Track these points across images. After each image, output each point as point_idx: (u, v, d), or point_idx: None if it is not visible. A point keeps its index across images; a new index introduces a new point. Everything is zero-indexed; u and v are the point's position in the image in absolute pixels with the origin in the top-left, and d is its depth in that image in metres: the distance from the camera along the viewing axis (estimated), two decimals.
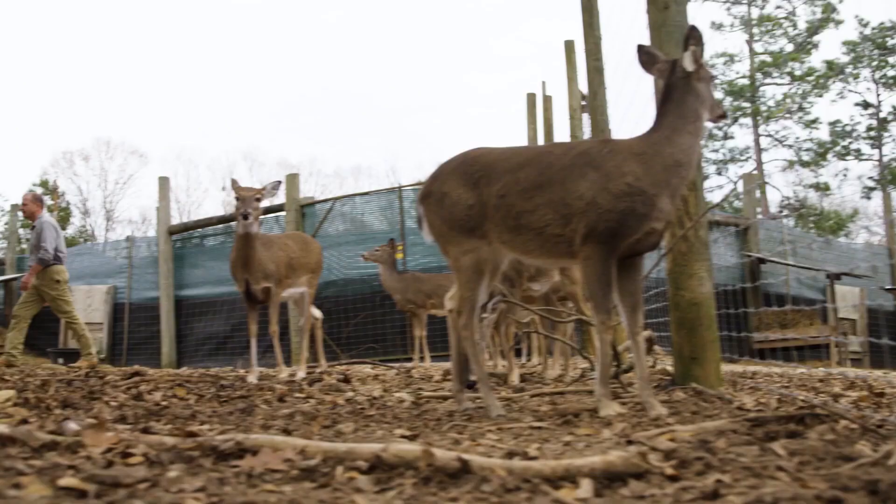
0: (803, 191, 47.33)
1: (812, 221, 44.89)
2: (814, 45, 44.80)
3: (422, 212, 5.20)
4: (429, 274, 13.17)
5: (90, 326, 19.74)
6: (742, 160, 46.46)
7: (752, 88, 44.56)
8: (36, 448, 3.10)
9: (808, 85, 44.47)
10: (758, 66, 45.15)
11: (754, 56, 45.81)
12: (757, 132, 45.53)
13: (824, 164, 45.42)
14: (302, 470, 2.74)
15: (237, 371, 11.07)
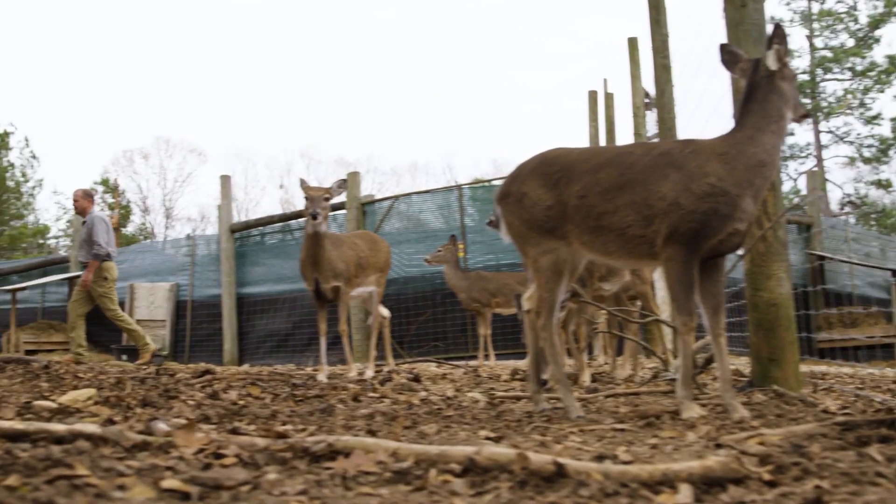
0: (864, 188, 46.76)
1: (874, 219, 44.34)
2: (875, 39, 44.15)
3: (500, 212, 5.18)
4: (493, 272, 13.15)
5: (153, 323, 20.02)
6: (802, 157, 46.01)
7: (812, 84, 44.06)
8: (128, 448, 3.12)
9: (869, 80, 43.89)
10: (818, 62, 44.62)
11: (814, 51, 45.24)
12: (817, 129, 44.99)
13: (886, 160, 44.84)
14: (395, 472, 2.73)
15: (303, 369, 11.11)
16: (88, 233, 13.32)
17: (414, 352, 14.89)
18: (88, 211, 13.79)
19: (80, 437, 3.18)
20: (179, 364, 14.35)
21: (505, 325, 14.24)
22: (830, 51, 44.82)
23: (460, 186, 17.26)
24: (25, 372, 7.84)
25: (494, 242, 16.00)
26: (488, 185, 18.45)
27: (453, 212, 17.37)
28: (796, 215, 19.23)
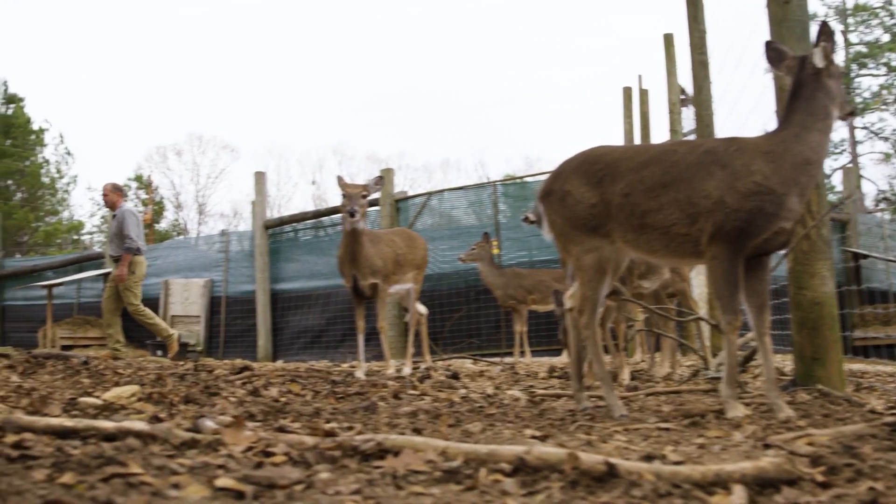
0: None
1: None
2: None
3: (542, 210, 5.17)
4: (529, 269, 13.11)
5: (187, 319, 20.10)
6: (837, 153, 45.66)
7: (847, 80, 43.69)
8: (177, 445, 3.13)
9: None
10: (853, 57, 44.23)
11: (849, 47, 44.87)
12: (852, 125, 44.62)
13: None
14: (444, 472, 2.73)
15: (339, 365, 11.13)
16: (119, 227, 13.26)
17: (449, 349, 14.86)
18: (118, 205, 13.70)
19: (129, 434, 3.20)
20: (215, 360, 14.41)
21: (539, 322, 14.21)
22: (865, 46, 44.43)
23: (494, 183, 17.25)
24: (66, 368, 7.89)
25: (528, 239, 15.98)
26: (521, 182, 18.40)
27: (485, 208, 17.35)
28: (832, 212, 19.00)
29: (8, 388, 5.67)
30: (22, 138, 46.14)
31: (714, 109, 9.28)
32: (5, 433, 3.21)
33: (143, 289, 20.88)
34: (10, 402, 4.75)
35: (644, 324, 8.90)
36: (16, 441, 3.02)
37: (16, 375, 6.96)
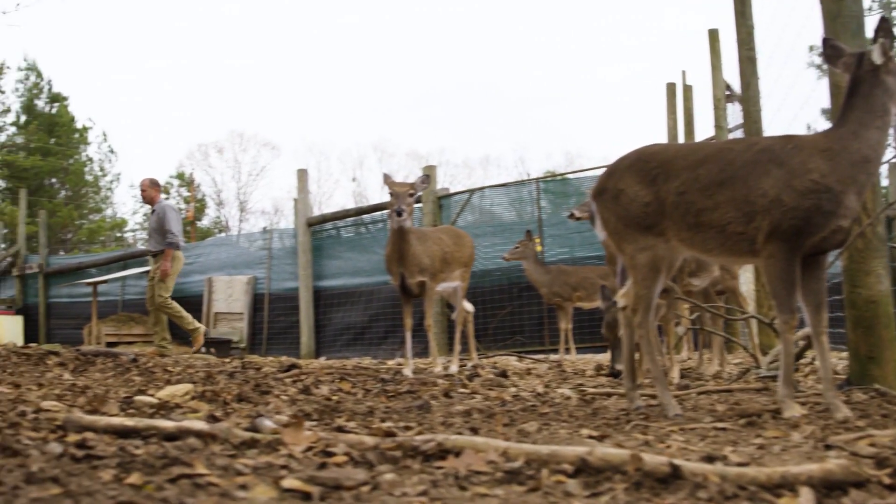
0: None
1: None
2: None
3: (595, 208, 5.15)
4: (574, 266, 13.05)
5: (231, 316, 20.21)
6: None
7: None
8: (236, 445, 3.14)
9: None
10: None
11: None
12: None
13: None
14: (506, 472, 2.72)
15: (386, 363, 11.14)
16: (159, 222, 13.21)
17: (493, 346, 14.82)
18: (156, 200, 13.66)
19: (189, 434, 3.22)
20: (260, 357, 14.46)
21: (582, 319, 14.15)
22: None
23: (537, 180, 17.21)
24: (116, 365, 7.96)
25: (571, 235, 15.92)
26: (564, 179, 18.34)
27: (526, 205, 17.30)
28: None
29: (62, 386, 5.72)
30: (66, 137, 46.57)
31: (762, 105, 9.22)
32: (67, 432, 3.24)
33: (187, 286, 21.14)
34: (66, 400, 4.78)
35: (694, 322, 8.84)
36: (78, 440, 3.04)
37: (68, 373, 7.03)
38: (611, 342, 6.28)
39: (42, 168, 43.91)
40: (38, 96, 47.44)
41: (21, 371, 6.88)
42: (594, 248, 15.28)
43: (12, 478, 2.32)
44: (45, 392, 5.17)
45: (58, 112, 47.23)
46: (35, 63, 48.31)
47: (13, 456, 2.71)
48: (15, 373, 6.69)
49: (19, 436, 3.06)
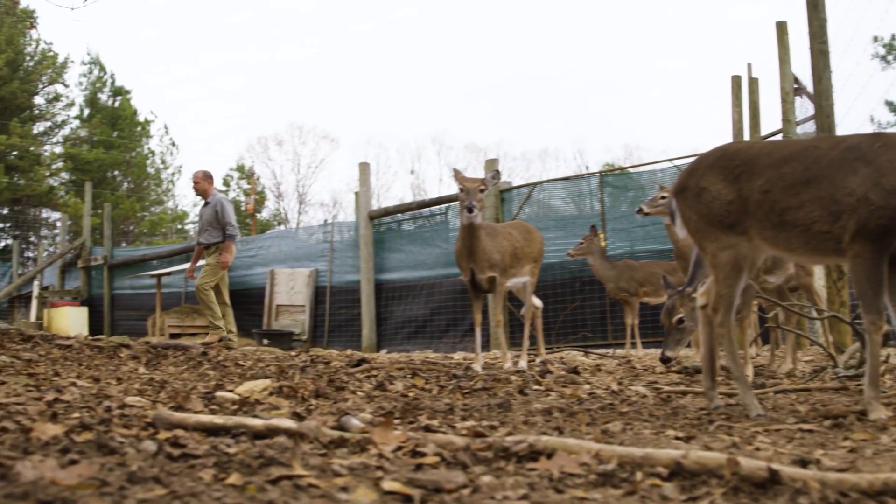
0: None
1: None
2: None
3: (675, 206, 5.10)
4: (641, 262, 12.98)
5: (293, 309, 20.31)
6: None
7: None
8: (325, 444, 3.14)
9: None
10: None
11: None
12: None
13: None
14: (599, 475, 2.70)
15: (452, 357, 11.14)
16: (216, 214, 13.18)
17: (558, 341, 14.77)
18: (210, 193, 13.58)
19: (278, 432, 3.23)
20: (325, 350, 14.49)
21: (645, 314, 14.05)
22: None
23: (600, 173, 17.12)
24: (187, 358, 8.02)
25: (633, 230, 15.84)
26: (626, 173, 18.20)
27: (585, 198, 17.23)
28: None
29: (140, 380, 5.77)
30: (128, 130, 47.13)
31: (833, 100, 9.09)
32: (157, 429, 3.27)
33: (249, 278, 21.28)
34: (148, 395, 4.83)
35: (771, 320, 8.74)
36: (169, 438, 3.06)
37: (142, 367, 7.09)
38: (665, 328, 6.24)
39: (105, 161, 44.47)
40: (101, 90, 48.07)
41: (96, 364, 6.95)
42: (655, 242, 15.22)
43: (115, 477, 2.34)
44: (126, 387, 5.22)
45: (120, 105, 47.81)
46: (98, 57, 48.97)
47: (110, 454, 2.73)
48: (91, 366, 6.75)
49: (112, 433, 3.08)
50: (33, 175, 41.86)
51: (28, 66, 43.53)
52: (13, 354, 6.95)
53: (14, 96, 41.75)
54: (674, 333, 6.14)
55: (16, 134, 40.83)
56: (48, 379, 5.28)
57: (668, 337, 6.19)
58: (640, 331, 12.74)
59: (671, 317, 6.12)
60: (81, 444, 2.85)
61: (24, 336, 9.22)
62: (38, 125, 45.38)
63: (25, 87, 42.80)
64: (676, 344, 6.18)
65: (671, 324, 6.12)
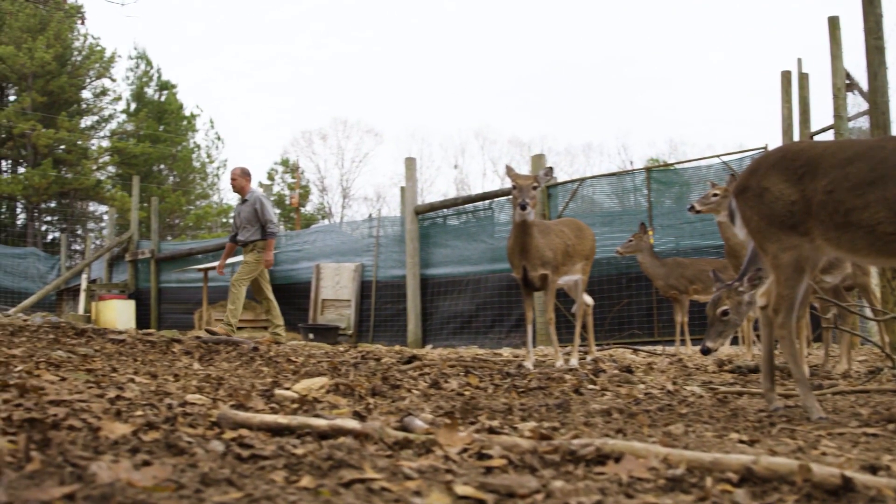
0: None
1: None
2: None
3: (735, 206, 5.05)
4: (691, 259, 12.88)
5: (338, 303, 20.37)
6: None
7: None
8: (390, 445, 3.14)
9: None
10: None
11: None
12: None
13: None
14: (668, 479, 2.67)
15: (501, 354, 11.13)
16: (255, 212, 13.09)
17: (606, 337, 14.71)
18: (247, 190, 13.47)
19: (342, 432, 3.22)
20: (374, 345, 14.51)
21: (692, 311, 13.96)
22: None
23: (647, 169, 17.02)
24: (239, 354, 8.05)
25: (680, 226, 15.75)
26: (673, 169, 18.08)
27: (629, 194, 17.16)
28: None
29: (197, 377, 5.79)
30: (174, 124, 47.50)
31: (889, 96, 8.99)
32: (223, 429, 3.28)
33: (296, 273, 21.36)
34: (207, 393, 4.84)
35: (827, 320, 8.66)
36: (235, 437, 3.07)
37: (196, 362, 7.12)
38: (710, 319, 6.22)
39: (151, 155, 44.85)
40: (147, 84, 48.52)
41: (150, 360, 6.99)
42: (701, 238, 15.14)
43: (188, 479, 2.34)
44: (184, 384, 5.24)
45: (166, 100, 48.24)
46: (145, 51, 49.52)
47: (180, 454, 2.74)
48: (145, 362, 6.79)
49: (178, 432, 3.09)
50: (80, 169, 42.29)
51: (76, 61, 44.01)
52: (69, 349, 7.01)
53: (62, 91, 42.20)
54: (717, 325, 6.11)
55: (64, 128, 41.31)
56: (106, 375, 5.31)
57: (711, 328, 6.17)
58: (689, 328, 12.65)
59: (716, 308, 6.10)
60: (150, 443, 2.86)
61: (78, 330, 9.31)
62: (85, 119, 45.90)
63: (73, 81, 43.26)
64: (718, 336, 6.15)
65: (715, 315, 6.10)
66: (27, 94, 40.98)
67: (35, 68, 40.39)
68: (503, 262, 17.41)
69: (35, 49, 39.82)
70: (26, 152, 42.62)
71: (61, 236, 34.11)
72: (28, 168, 41.82)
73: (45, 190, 40.65)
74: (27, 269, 30.53)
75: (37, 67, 40.39)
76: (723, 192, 9.43)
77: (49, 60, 40.39)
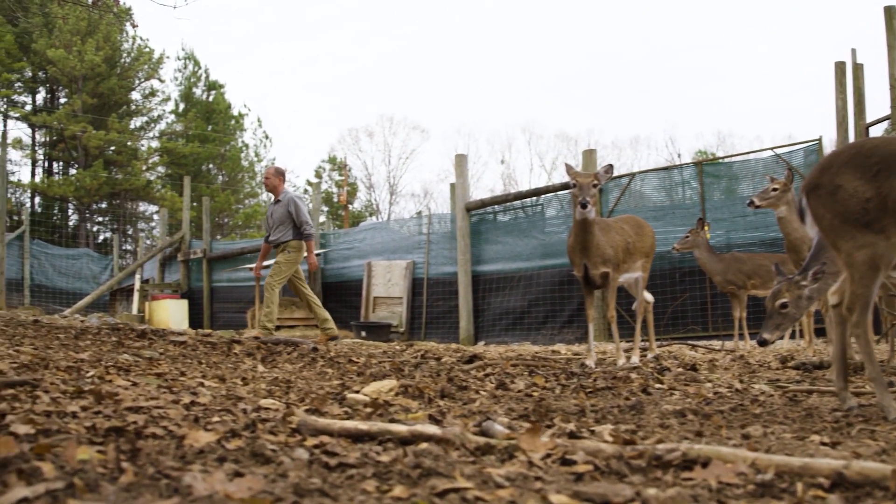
0: None
1: None
2: None
3: (806, 204, 4.99)
4: (748, 253, 12.78)
5: (390, 301, 20.41)
6: None
7: None
8: (472, 451, 3.13)
9: None
10: None
11: None
12: None
13: None
14: (757, 485, 2.65)
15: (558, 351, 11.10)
16: (288, 213, 12.88)
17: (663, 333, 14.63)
18: (280, 190, 13.23)
19: (422, 438, 3.22)
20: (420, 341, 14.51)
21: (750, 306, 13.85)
22: None
23: (700, 163, 16.90)
24: (300, 355, 8.09)
25: (733, 220, 15.63)
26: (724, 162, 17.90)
27: (676, 187, 17.06)
28: None
29: (264, 380, 5.82)
30: (222, 123, 47.85)
31: None
32: (304, 436, 3.28)
33: (347, 270, 21.44)
34: (277, 396, 4.86)
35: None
36: (316, 444, 3.08)
37: (260, 364, 7.16)
38: (768, 311, 6.18)
39: (200, 154, 45.18)
40: (195, 84, 48.90)
41: (214, 362, 7.04)
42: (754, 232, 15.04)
43: (282, 490, 2.35)
44: (254, 388, 5.26)
45: (214, 99, 48.60)
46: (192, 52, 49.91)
47: (266, 463, 2.75)
48: (210, 364, 6.84)
49: (260, 440, 3.10)
50: (131, 169, 42.69)
51: (125, 63, 44.42)
52: (134, 353, 7.08)
53: (112, 92, 42.61)
54: (775, 317, 6.08)
55: (114, 129, 41.72)
56: (176, 379, 5.34)
57: (769, 320, 6.13)
58: (747, 323, 12.54)
59: (775, 300, 6.06)
60: (234, 452, 2.88)
61: (138, 332, 9.39)
62: (135, 120, 46.36)
63: (123, 83, 43.68)
64: (776, 328, 6.12)
65: (774, 307, 6.06)
66: (78, 97, 41.39)
67: (85, 71, 40.81)
68: (554, 258, 17.40)
69: (85, 52, 40.23)
70: (77, 154, 43.08)
71: (113, 237, 34.46)
72: (79, 170, 42.27)
73: (97, 191, 41.09)
74: (80, 269, 30.90)
75: (87, 70, 40.80)
76: (782, 187, 9.35)
77: (99, 63, 40.80)
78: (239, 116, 49.64)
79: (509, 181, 62.09)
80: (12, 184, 42.35)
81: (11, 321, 10.39)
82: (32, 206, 43.95)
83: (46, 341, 7.67)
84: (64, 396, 4.05)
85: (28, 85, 45.12)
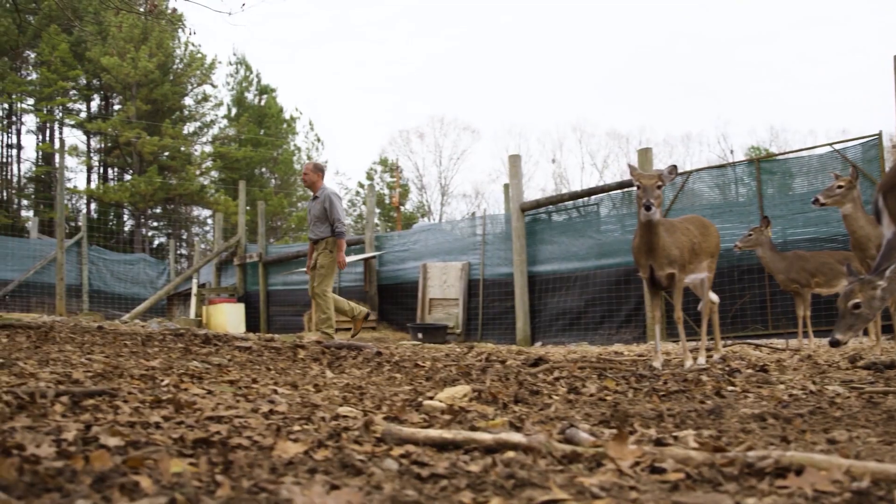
0: None
1: None
2: None
3: (882, 204, 4.94)
4: (812, 252, 12.65)
5: (446, 302, 20.44)
6: None
7: None
8: (558, 459, 3.11)
9: None
10: None
11: None
12: None
13: None
14: (854, 493, 2.60)
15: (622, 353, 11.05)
16: (325, 210, 12.83)
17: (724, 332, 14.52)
18: (319, 186, 13.12)
19: (507, 446, 3.21)
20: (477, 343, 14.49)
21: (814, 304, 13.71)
22: None
23: (757, 160, 16.77)
24: (364, 360, 8.10)
25: (791, 217, 15.50)
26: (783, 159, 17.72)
27: (729, 184, 16.93)
28: None
29: (335, 386, 5.82)
30: (274, 127, 48.23)
31: None
32: (389, 445, 3.28)
33: (403, 272, 21.52)
34: (353, 403, 4.86)
35: None
36: (402, 454, 3.08)
37: (327, 370, 7.17)
38: (840, 311, 6.12)
39: (253, 158, 45.53)
40: (247, 89, 49.33)
41: (282, 368, 7.07)
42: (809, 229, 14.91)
43: (379, 502, 2.34)
44: (327, 395, 5.27)
45: (266, 103, 48.99)
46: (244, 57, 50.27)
47: (357, 475, 2.75)
48: (279, 370, 6.87)
49: (347, 449, 3.10)
50: (185, 174, 43.12)
51: (178, 69, 44.88)
52: (203, 359, 7.12)
53: (165, 98, 43.08)
54: (847, 318, 6.03)
55: (168, 135, 42.14)
56: (249, 387, 5.37)
57: (842, 320, 6.08)
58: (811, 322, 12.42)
59: (847, 301, 6.01)
60: (324, 462, 2.88)
61: (203, 337, 9.45)
62: (188, 126, 46.88)
63: (176, 89, 44.17)
64: (848, 328, 6.08)
65: (846, 307, 6.01)
66: (131, 103, 41.95)
67: (139, 77, 41.31)
68: (610, 258, 17.35)
69: (138, 59, 40.72)
70: (132, 160, 43.61)
71: (168, 241, 34.76)
72: (134, 175, 42.80)
73: (151, 196, 41.54)
74: (137, 274, 31.21)
75: (140, 77, 41.30)
76: (847, 184, 9.25)
77: (152, 69, 41.29)
78: (291, 120, 50.03)
79: (561, 180, 61.99)
80: (69, 190, 42.91)
81: (76, 328, 10.49)
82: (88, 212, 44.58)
83: (115, 348, 7.73)
84: (143, 406, 4.08)
85: (83, 92, 45.79)
